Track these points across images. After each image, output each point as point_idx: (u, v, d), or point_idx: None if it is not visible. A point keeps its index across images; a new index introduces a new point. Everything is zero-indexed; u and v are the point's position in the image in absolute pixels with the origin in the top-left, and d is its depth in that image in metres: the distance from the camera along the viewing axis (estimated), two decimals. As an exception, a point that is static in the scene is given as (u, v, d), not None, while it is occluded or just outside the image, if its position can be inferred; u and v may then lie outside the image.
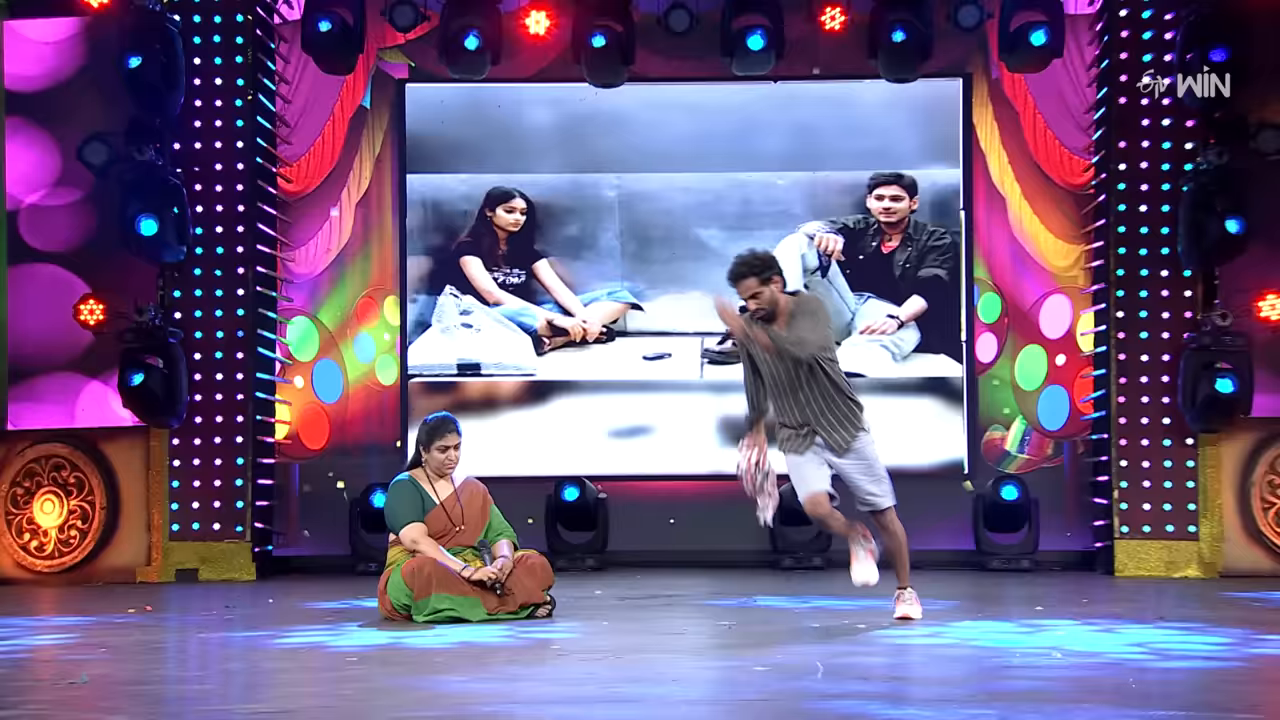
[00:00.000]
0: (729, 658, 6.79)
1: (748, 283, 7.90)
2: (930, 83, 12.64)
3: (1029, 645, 7.02)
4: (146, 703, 5.41)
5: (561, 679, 5.96)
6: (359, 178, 12.82)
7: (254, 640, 7.44)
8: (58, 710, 5.12)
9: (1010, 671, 6.17)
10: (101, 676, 5.99)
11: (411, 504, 8.21)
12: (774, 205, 12.88)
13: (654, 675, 6.03)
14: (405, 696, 5.45)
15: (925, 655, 6.89)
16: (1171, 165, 11.60)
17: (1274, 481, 11.58)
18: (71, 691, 5.59)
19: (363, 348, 12.74)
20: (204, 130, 11.70)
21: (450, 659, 6.56)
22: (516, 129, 12.89)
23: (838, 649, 6.92)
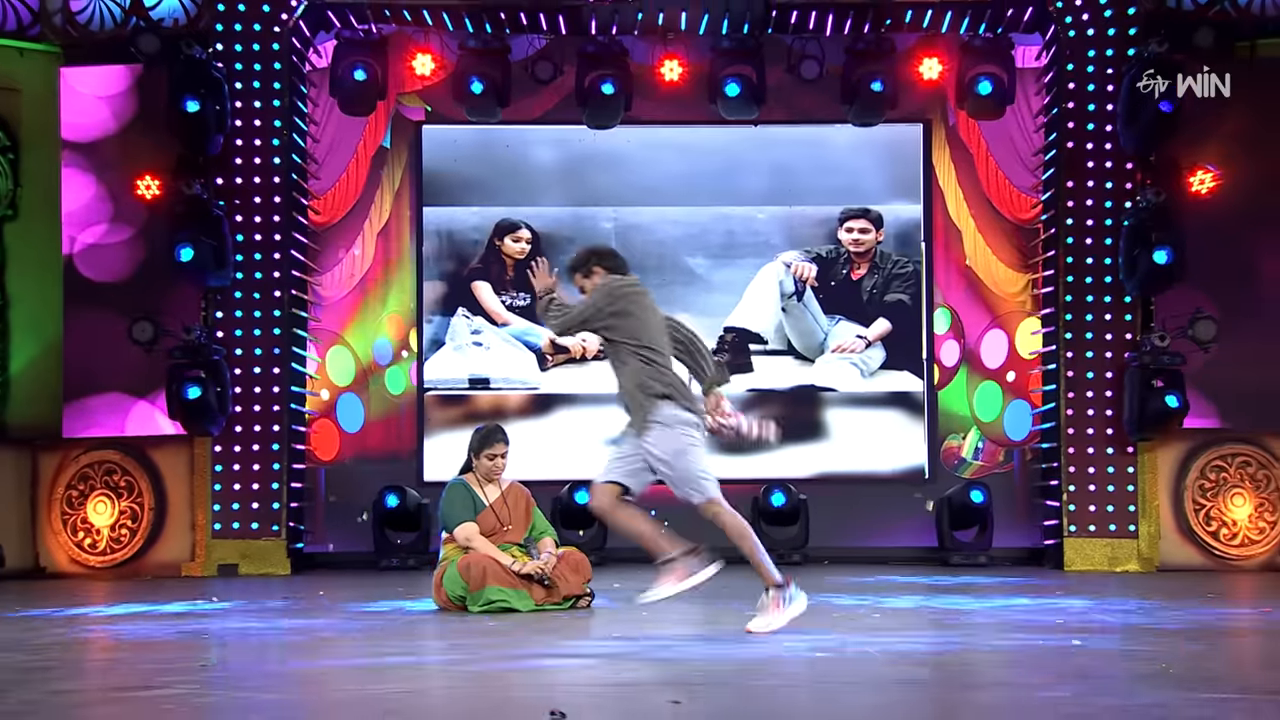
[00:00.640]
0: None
1: (577, 279, 7.64)
2: (894, 128, 13.11)
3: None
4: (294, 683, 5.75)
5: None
6: (380, 210, 13.16)
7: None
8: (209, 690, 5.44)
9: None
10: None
11: (464, 505, 8.53)
12: (755, 236, 13.28)
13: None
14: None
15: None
16: (1113, 203, 12.09)
17: (1204, 485, 12.08)
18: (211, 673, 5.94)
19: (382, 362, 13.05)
20: (244, 167, 12.04)
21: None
22: (523, 167, 13.25)
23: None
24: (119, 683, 5.59)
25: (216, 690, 5.35)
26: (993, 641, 6.88)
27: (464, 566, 8.29)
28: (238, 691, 5.29)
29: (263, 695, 5.22)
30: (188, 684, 5.47)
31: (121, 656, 6.51)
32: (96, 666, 6.32)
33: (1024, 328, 13.11)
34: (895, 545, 13.02)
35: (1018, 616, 7.98)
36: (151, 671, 5.86)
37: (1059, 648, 6.54)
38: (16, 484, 11.93)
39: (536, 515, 8.76)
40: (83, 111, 12.19)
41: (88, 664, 6.39)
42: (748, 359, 13.16)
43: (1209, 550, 12.05)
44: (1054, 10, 12.10)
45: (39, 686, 5.44)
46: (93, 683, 5.75)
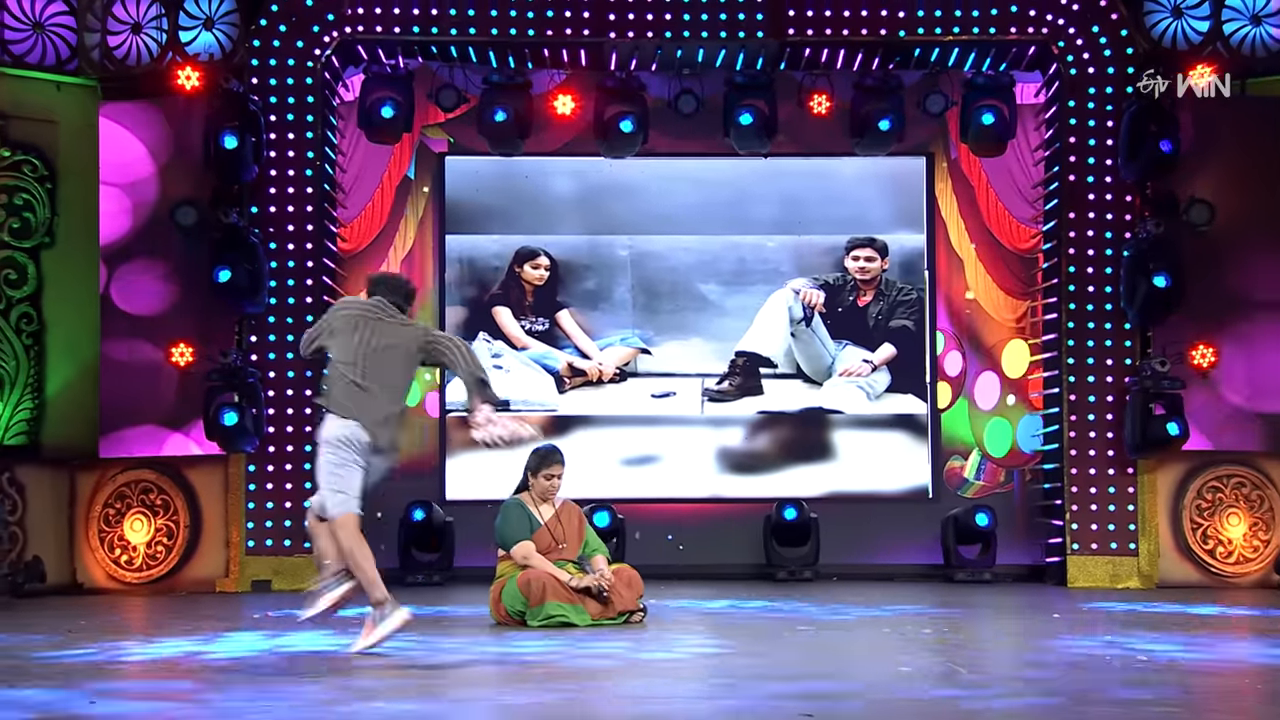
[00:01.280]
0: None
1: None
2: (898, 160, 12.95)
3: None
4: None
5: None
6: (404, 238, 12.91)
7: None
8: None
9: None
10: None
11: (520, 524, 8.36)
12: (765, 264, 13.08)
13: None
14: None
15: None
16: (1113, 234, 11.93)
17: (1200, 505, 11.90)
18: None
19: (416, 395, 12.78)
20: (278, 196, 11.77)
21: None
22: (542, 196, 13.03)
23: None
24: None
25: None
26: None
27: (524, 582, 8.13)
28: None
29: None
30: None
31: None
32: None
33: (1010, 350, 12.90)
34: (902, 562, 12.80)
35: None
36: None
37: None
38: (55, 503, 11.60)
39: (589, 533, 8.59)
40: (120, 148, 11.90)
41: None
42: (758, 382, 12.97)
43: (1206, 568, 11.88)
44: (1056, 50, 11.93)
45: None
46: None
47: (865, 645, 7.52)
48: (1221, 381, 11.80)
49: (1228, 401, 11.82)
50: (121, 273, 11.88)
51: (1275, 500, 11.92)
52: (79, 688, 5.77)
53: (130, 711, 5.27)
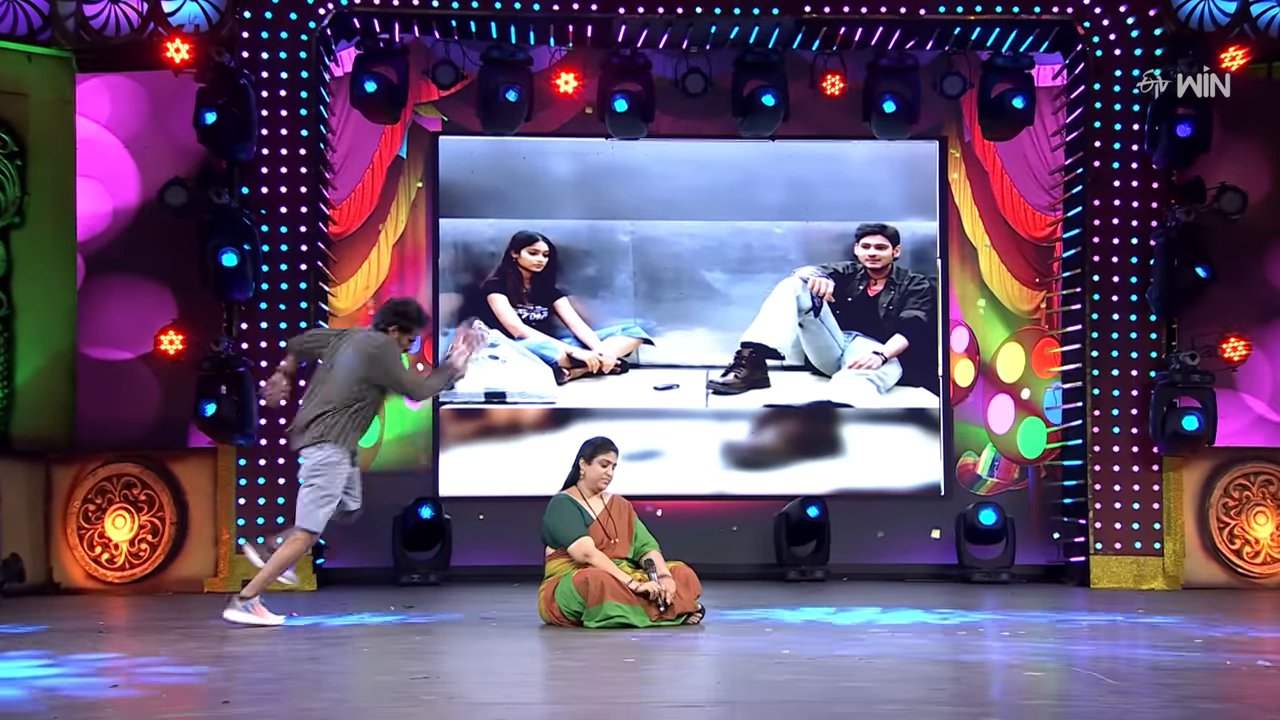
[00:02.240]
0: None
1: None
2: (910, 144, 13.02)
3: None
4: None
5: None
6: (396, 221, 12.86)
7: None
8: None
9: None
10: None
11: (574, 520, 8.37)
12: (772, 251, 13.13)
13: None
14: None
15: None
16: (1139, 223, 12.06)
17: (1228, 504, 12.06)
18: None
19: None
20: (270, 176, 11.70)
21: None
22: (540, 179, 13.00)
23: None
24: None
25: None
26: None
27: (581, 581, 8.12)
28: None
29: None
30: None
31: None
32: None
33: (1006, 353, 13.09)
34: (915, 562, 12.90)
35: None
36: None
37: None
38: (29, 498, 11.47)
39: (639, 527, 8.59)
40: (98, 120, 11.79)
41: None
42: (764, 374, 13.01)
43: (1232, 568, 12.03)
44: (1081, 30, 12.06)
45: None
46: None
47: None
48: (1244, 384, 11.99)
49: (1250, 409, 12.04)
50: (101, 254, 11.77)
51: (1303, 499, 12.09)
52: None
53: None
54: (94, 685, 5.99)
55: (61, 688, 5.87)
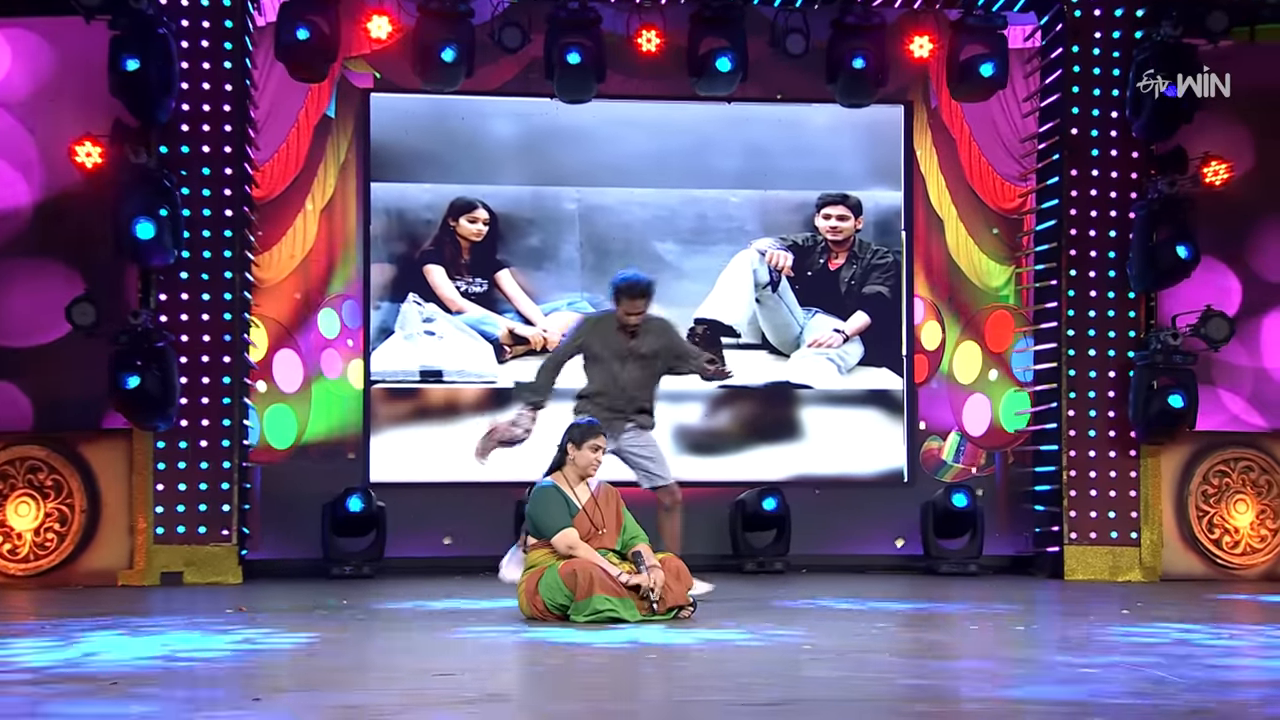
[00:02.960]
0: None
1: (640, 303, 9.49)
2: (874, 109, 12.82)
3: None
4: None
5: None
6: (323, 185, 12.53)
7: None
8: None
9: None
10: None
11: (559, 509, 8.23)
12: (727, 221, 12.98)
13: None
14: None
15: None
16: (1118, 194, 12.03)
17: (1207, 491, 12.09)
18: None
19: (326, 354, 12.47)
20: (191, 134, 11.37)
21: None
22: (480, 141, 12.75)
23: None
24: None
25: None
26: None
27: (568, 573, 7.99)
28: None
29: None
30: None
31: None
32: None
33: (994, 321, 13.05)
34: (878, 553, 12.84)
35: None
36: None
37: None
38: (-82, 483, 11.07)
39: (628, 518, 8.48)
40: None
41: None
42: (719, 353, 12.80)
43: (1211, 559, 12.06)
44: (1060, -13, 12.00)
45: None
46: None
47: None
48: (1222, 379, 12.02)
49: (1226, 408, 12.08)
50: (7, 214, 11.36)
51: (1284, 485, 12.15)
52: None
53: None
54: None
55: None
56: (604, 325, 9.58)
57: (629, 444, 9.48)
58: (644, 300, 9.40)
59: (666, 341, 9.57)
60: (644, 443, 9.48)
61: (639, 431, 9.48)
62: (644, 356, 9.46)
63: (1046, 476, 12.24)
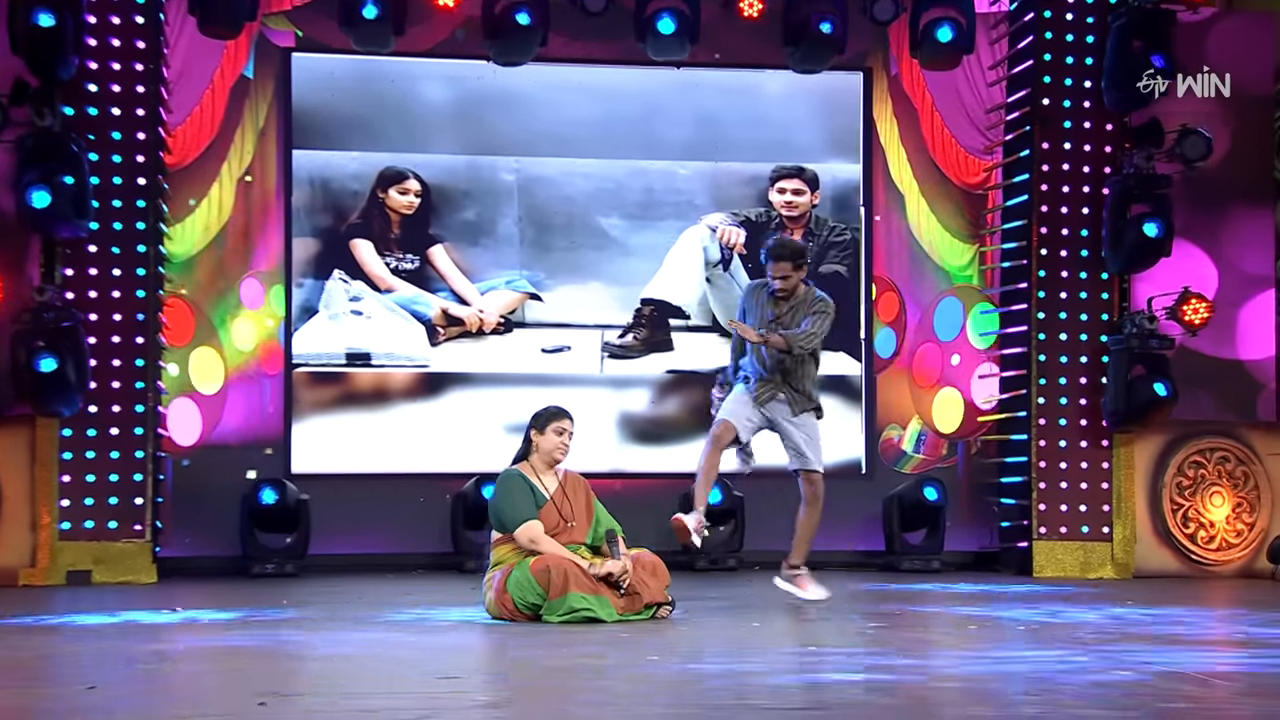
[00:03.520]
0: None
1: (784, 265, 9.10)
2: (831, 76, 12.68)
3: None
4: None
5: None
6: (240, 152, 12.18)
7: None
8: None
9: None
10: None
11: (524, 499, 8.05)
12: (677, 195, 12.80)
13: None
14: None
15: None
16: (1090, 168, 11.93)
17: (1182, 484, 12.03)
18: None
19: (242, 334, 12.14)
20: (100, 95, 10.97)
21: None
22: (411, 106, 12.48)
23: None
24: None
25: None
26: None
27: (541, 570, 7.82)
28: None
29: None
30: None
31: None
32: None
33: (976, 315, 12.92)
34: (836, 549, 12.63)
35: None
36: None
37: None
38: None
39: (599, 510, 8.33)
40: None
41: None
42: (667, 335, 12.69)
43: (1186, 554, 12.01)
44: (1032, -52, 11.87)
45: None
46: None
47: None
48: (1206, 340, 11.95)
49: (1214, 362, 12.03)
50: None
51: (1260, 477, 12.11)
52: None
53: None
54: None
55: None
56: (759, 290, 9.31)
57: (788, 420, 9.25)
58: (785, 263, 9.06)
59: (808, 314, 9.17)
60: (803, 422, 9.27)
61: (804, 414, 9.27)
62: (786, 329, 9.11)
63: (1015, 468, 12.12)
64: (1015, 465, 12.12)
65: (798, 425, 9.21)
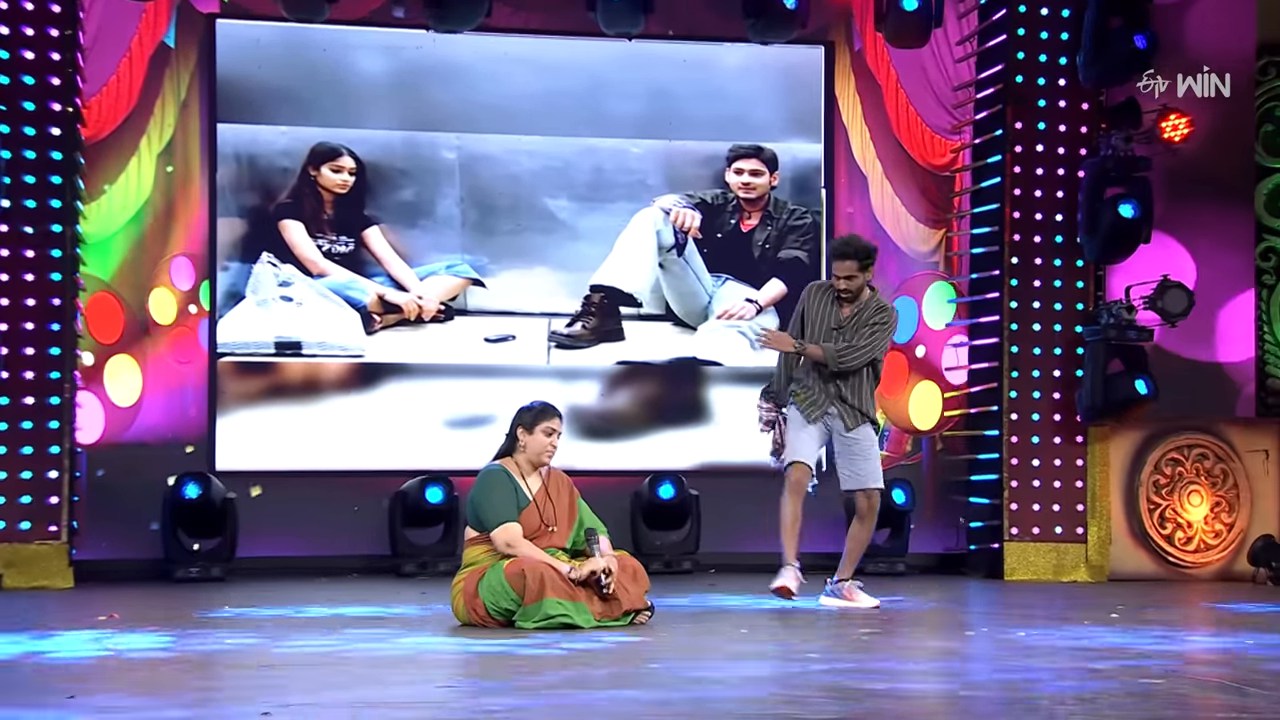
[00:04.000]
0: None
1: (848, 264, 9.04)
2: (791, 50, 12.58)
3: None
4: None
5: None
6: (161, 125, 11.85)
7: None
8: None
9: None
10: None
11: (506, 499, 7.93)
12: (628, 175, 12.62)
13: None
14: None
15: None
16: (1066, 149, 11.85)
17: (1159, 481, 11.96)
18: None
19: (163, 320, 11.83)
20: (12, 62, 10.64)
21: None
22: (344, 77, 12.20)
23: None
24: None
25: None
26: None
27: (515, 574, 7.69)
28: None
29: None
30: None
31: None
32: None
33: (933, 294, 12.78)
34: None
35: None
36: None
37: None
38: None
39: (582, 510, 8.21)
40: None
41: None
42: (618, 324, 12.51)
43: (1163, 556, 11.94)
44: (1005, -82, 11.76)
45: None
46: None
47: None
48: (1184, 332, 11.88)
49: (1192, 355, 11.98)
50: None
51: (1240, 475, 12.06)
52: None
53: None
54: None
55: None
56: (823, 291, 9.28)
57: (842, 435, 9.24)
58: (850, 262, 9.02)
59: (868, 322, 9.15)
60: (859, 436, 9.20)
61: (858, 426, 9.20)
62: (848, 336, 9.12)
63: (985, 465, 12.02)
64: (986, 462, 12.01)
65: (854, 440, 9.17)
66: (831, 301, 9.17)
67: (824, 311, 9.19)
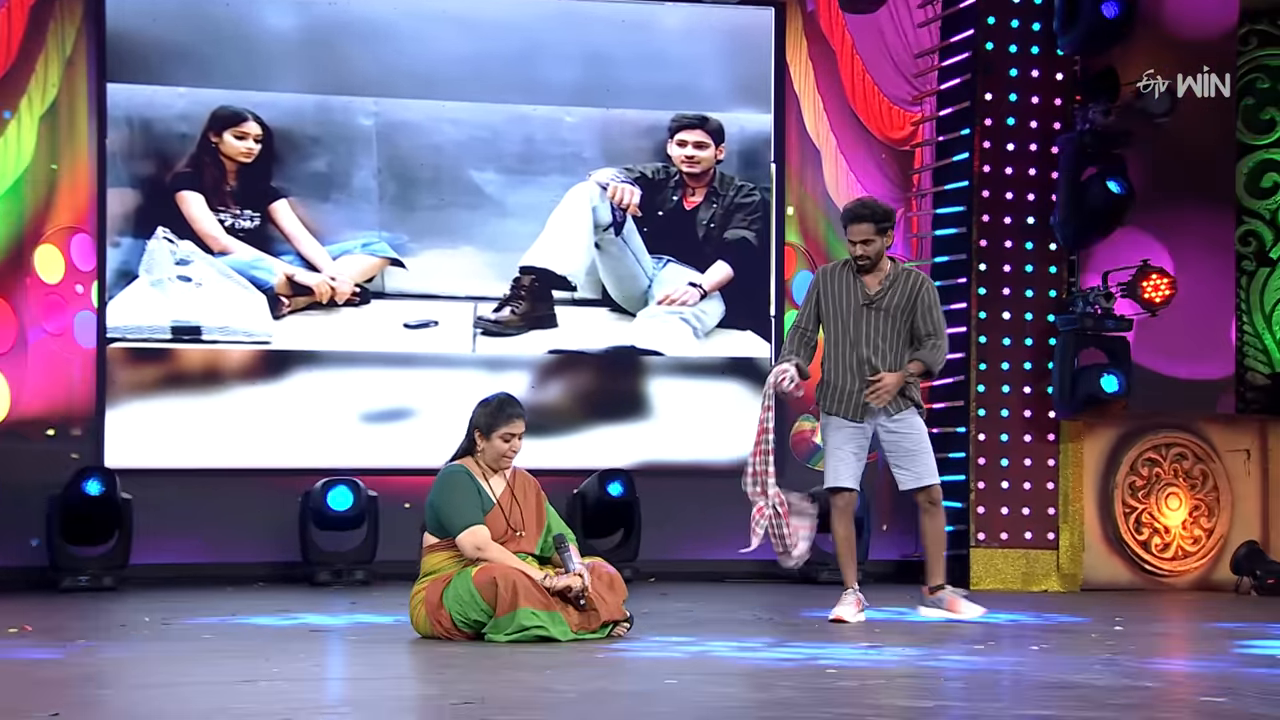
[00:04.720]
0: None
1: (864, 228, 8.75)
2: (738, 11, 12.65)
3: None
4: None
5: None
6: (43, 85, 11.55)
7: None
8: None
9: None
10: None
11: (469, 501, 7.75)
12: (562, 146, 12.50)
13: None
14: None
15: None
16: (1039, 123, 11.76)
17: (1135, 484, 11.83)
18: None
19: (42, 300, 11.46)
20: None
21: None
22: (250, 35, 11.98)
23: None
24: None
25: None
26: None
27: (486, 582, 7.49)
28: None
29: None
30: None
31: None
32: None
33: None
34: (738, 557, 12.26)
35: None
36: None
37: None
38: None
39: (550, 515, 8.06)
40: None
41: None
42: (550, 309, 12.35)
43: (1139, 564, 11.83)
44: None
45: None
46: None
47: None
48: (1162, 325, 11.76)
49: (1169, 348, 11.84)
50: None
51: (1220, 477, 11.95)
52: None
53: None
54: None
55: None
56: (837, 270, 8.98)
57: (887, 425, 8.95)
58: (865, 224, 8.72)
59: (916, 299, 8.84)
60: (908, 429, 8.92)
61: (900, 411, 8.89)
62: (884, 311, 8.82)
63: (950, 465, 11.80)
64: (952, 461, 11.82)
65: (901, 432, 8.90)
66: (851, 277, 8.89)
67: (845, 290, 8.89)
